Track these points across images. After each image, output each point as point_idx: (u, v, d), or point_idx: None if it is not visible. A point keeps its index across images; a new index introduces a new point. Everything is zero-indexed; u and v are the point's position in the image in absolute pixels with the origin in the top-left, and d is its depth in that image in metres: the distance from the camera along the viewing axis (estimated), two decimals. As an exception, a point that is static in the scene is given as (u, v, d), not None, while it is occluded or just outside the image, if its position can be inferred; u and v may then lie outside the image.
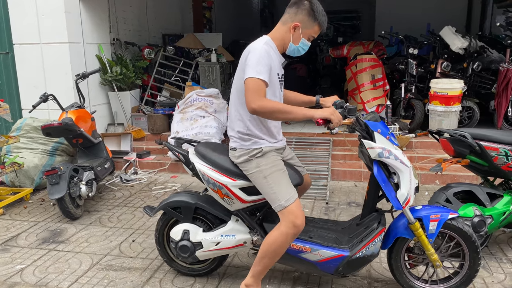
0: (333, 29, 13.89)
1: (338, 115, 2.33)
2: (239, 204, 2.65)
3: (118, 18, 6.98)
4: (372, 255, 2.54)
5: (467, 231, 2.54)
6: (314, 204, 4.46)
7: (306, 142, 5.78)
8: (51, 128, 4.30)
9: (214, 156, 2.67)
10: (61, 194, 3.90)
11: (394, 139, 2.52)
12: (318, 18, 2.45)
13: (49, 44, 5.71)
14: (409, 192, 2.44)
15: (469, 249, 2.56)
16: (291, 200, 2.44)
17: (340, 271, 2.57)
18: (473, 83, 6.38)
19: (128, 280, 3.04)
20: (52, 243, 3.67)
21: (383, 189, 2.48)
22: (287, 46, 2.52)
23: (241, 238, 2.75)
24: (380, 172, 2.48)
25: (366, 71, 6.47)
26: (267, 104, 2.31)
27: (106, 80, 6.35)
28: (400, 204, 2.45)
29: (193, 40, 7.60)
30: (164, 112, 6.41)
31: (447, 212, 2.53)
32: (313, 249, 2.57)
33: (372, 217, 2.61)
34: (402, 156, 2.45)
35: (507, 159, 3.07)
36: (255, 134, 2.51)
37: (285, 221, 2.43)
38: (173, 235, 2.85)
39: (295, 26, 2.45)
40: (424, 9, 10.85)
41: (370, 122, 2.47)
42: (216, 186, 2.63)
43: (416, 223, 2.50)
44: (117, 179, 5.40)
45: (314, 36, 2.52)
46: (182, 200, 2.85)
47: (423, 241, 2.53)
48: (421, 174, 5.01)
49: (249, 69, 2.33)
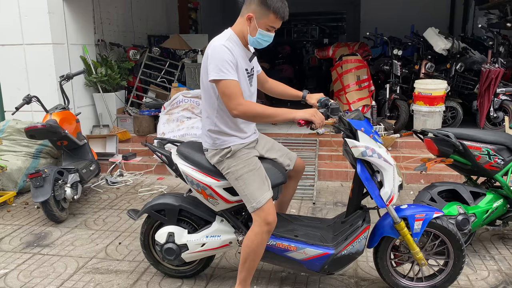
0: (319, 31, 13.99)
1: (320, 115, 2.31)
2: (224, 205, 2.64)
3: (103, 19, 6.92)
4: (357, 252, 2.56)
5: (452, 230, 2.58)
6: (301, 204, 4.48)
7: (292, 143, 5.80)
8: (35, 130, 4.24)
9: (196, 157, 2.66)
10: (45, 197, 3.85)
11: (378, 137, 2.54)
12: (271, 6, 2.29)
13: (32, 45, 5.64)
14: (393, 190, 2.46)
15: (454, 247, 2.60)
16: (263, 202, 2.42)
17: (325, 269, 2.58)
18: (456, 83, 6.49)
19: (114, 283, 3.01)
20: (36, 246, 3.62)
21: (367, 187, 2.50)
22: (248, 39, 2.44)
23: (226, 239, 2.74)
24: (363, 170, 2.49)
25: (352, 72, 6.53)
26: (249, 110, 2.30)
27: (91, 81, 6.29)
28: (383, 202, 2.47)
29: (179, 41, 7.58)
30: (150, 113, 6.37)
31: (431, 211, 2.57)
32: (298, 248, 2.58)
33: (356, 214, 2.63)
34: (385, 154, 2.47)
35: (490, 158, 3.13)
36: (223, 131, 2.49)
37: (257, 221, 2.43)
38: (158, 238, 2.82)
39: (249, 17, 2.34)
40: (408, 11, 10.99)
41: (353, 121, 2.48)
42: (200, 187, 2.62)
43: (401, 223, 2.53)
44: (102, 182, 5.35)
45: (274, 26, 2.37)
46: (166, 203, 2.82)
47: (408, 240, 2.56)
48: (406, 174, 5.08)
49: (215, 71, 2.28)
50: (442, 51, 6.46)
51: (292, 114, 2.32)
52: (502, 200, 3.25)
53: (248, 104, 2.32)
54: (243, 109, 2.29)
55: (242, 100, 2.30)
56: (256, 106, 2.34)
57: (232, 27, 2.47)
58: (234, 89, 2.28)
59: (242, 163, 2.48)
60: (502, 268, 3.09)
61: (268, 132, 6.24)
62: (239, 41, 2.43)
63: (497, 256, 3.27)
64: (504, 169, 3.18)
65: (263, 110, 2.32)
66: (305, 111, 2.31)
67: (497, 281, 2.93)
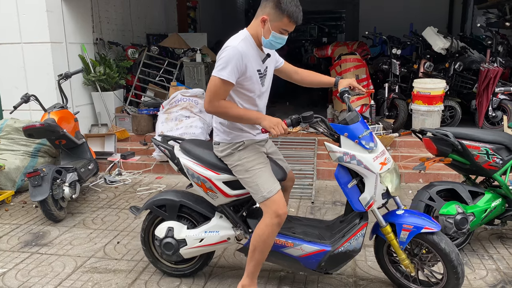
0: (318, 30, 13.98)
1: (280, 128, 2.30)
2: (223, 199, 2.68)
3: (102, 17, 6.90)
4: (354, 250, 2.55)
5: (444, 249, 2.45)
6: (299, 203, 4.48)
7: (291, 142, 5.80)
8: (33, 129, 4.23)
9: (198, 151, 2.72)
10: (43, 196, 3.84)
11: (367, 142, 2.44)
12: (285, 10, 2.32)
13: (30, 44, 5.61)
14: (373, 197, 2.44)
15: (447, 267, 2.49)
16: (274, 192, 2.47)
17: (322, 266, 2.58)
18: (455, 83, 6.49)
19: (113, 283, 3.01)
20: (34, 246, 3.61)
21: (343, 191, 2.51)
22: (261, 40, 2.47)
23: (224, 234, 2.77)
24: (341, 174, 2.49)
25: (350, 71, 6.52)
26: (218, 109, 2.40)
27: (89, 80, 6.28)
28: (362, 206, 2.47)
29: (177, 40, 7.56)
30: (149, 112, 6.36)
31: (422, 225, 2.46)
32: (295, 244, 2.59)
33: (355, 213, 2.64)
34: (369, 162, 2.41)
35: (488, 157, 3.13)
36: (238, 126, 2.55)
37: (268, 212, 2.46)
38: (158, 232, 2.87)
39: (263, 19, 2.38)
40: (407, 10, 10.99)
41: (336, 126, 2.47)
42: (200, 180, 2.66)
43: (387, 227, 2.53)
44: (101, 181, 5.34)
45: (287, 30, 2.40)
46: (167, 198, 2.88)
47: (394, 245, 2.55)
48: (404, 173, 5.08)
49: (216, 67, 2.38)
50: (441, 50, 6.45)
51: (259, 120, 2.38)
52: (500, 199, 3.25)
53: (220, 103, 2.39)
54: (214, 106, 2.39)
55: (218, 99, 2.38)
56: (226, 107, 2.40)
57: (247, 28, 2.51)
58: (220, 89, 2.37)
59: (254, 155, 2.55)
60: (500, 268, 3.10)
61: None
62: (253, 42, 2.47)
63: (496, 256, 3.27)
64: (502, 169, 3.19)
65: (232, 113, 2.41)
66: (270, 120, 2.34)
67: (495, 280, 2.93)
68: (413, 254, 2.64)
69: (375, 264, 2.93)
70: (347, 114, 2.52)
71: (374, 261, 2.92)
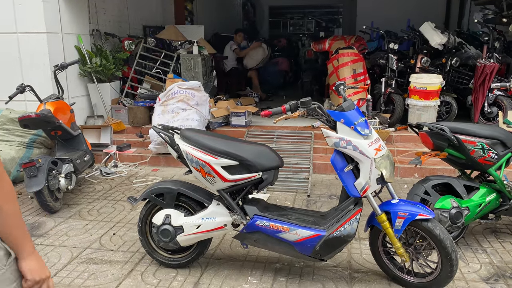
0: (315, 24, 13.96)
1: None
2: (221, 183, 2.71)
3: (98, 8, 6.85)
4: (349, 235, 2.58)
5: (438, 235, 2.48)
6: (295, 197, 4.49)
7: (288, 136, 5.80)
8: (28, 119, 4.20)
9: (197, 137, 2.79)
10: (39, 187, 3.83)
11: (362, 128, 2.50)
12: None
13: (26, 34, 5.57)
14: (368, 182, 2.49)
15: (441, 253, 2.52)
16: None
17: (317, 251, 2.61)
18: (451, 78, 6.51)
19: (109, 273, 3.01)
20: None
21: (338, 176, 2.56)
22: None
23: (221, 220, 2.81)
24: (336, 160, 2.56)
25: (348, 66, 6.52)
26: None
27: (86, 71, 6.24)
28: (357, 191, 2.51)
29: (174, 32, 7.52)
30: (145, 104, 6.34)
31: (416, 212, 2.49)
32: (291, 229, 2.63)
33: (350, 201, 2.67)
34: (364, 147, 2.47)
35: (484, 152, 3.15)
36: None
37: None
38: (155, 220, 2.91)
39: None
40: (404, 5, 10.99)
41: (332, 112, 2.54)
42: (199, 165, 2.71)
43: (382, 215, 2.55)
44: (97, 172, 5.33)
45: None
46: (166, 187, 2.92)
47: (389, 234, 2.58)
48: (400, 167, 5.10)
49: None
50: (438, 46, 6.46)
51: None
52: (495, 194, 3.27)
53: None
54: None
55: None
56: None
57: None
58: None
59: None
60: (494, 261, 3.13)
61: (263, 124, 6.25)
62: None
63: (489, 250, 3.30)
64: (497, 164, 3.21)
65: None
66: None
67: (488, 274, 2.96)
68: (408, 244, 2.67)
69: (370, 257, 2.95)
70: (343, 102, 2.58)
71: (369, 254, 2.95)
